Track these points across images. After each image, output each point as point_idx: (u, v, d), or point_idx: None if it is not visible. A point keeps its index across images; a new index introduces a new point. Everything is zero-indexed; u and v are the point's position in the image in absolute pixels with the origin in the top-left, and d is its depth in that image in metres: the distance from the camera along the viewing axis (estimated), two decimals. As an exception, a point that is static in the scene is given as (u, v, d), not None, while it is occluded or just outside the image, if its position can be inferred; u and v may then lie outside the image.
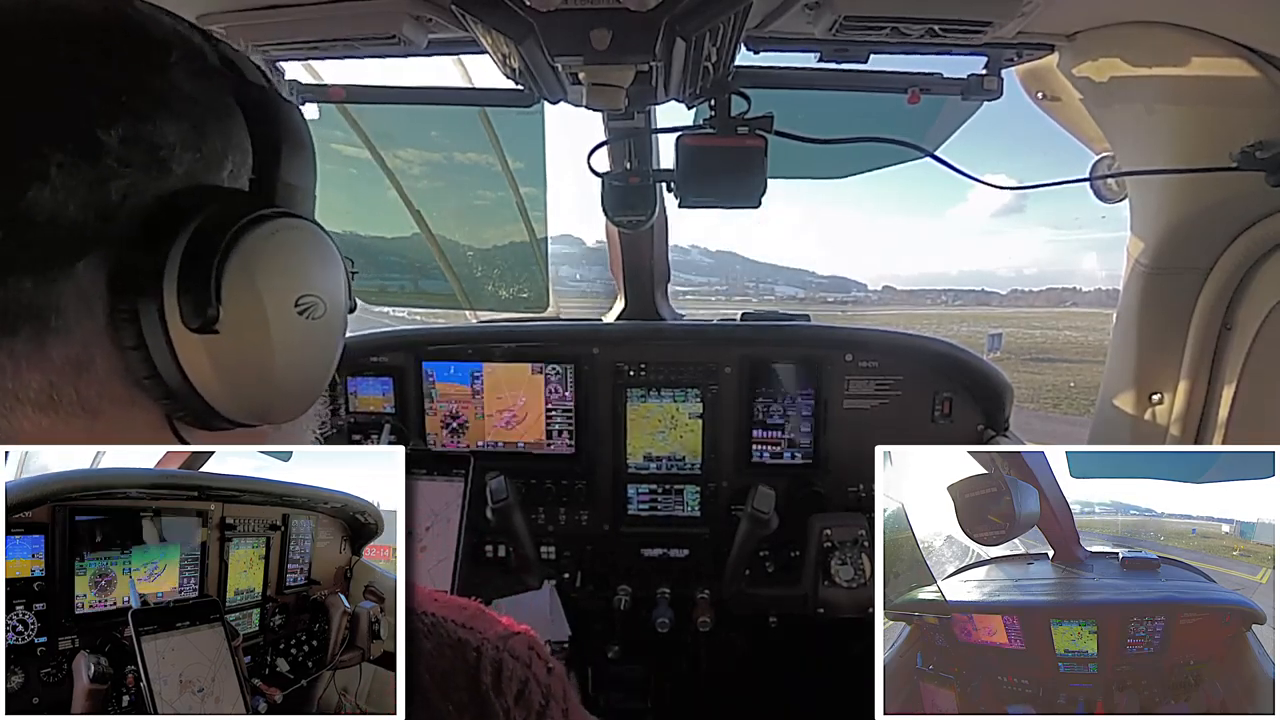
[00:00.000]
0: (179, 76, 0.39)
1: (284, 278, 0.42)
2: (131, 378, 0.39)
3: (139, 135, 0.37)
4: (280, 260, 0.42)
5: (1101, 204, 1.33)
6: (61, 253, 0.36)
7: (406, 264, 2.47)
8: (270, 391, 0.44)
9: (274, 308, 0.41)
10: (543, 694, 0.51)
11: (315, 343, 0.46)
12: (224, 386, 0.41)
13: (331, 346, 0.48)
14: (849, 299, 59.40)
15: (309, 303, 0.44)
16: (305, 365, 0.46)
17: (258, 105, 0.43)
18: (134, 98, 0.37)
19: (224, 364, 0.40)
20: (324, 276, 0.45)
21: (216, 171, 0.41)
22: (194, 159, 0.39)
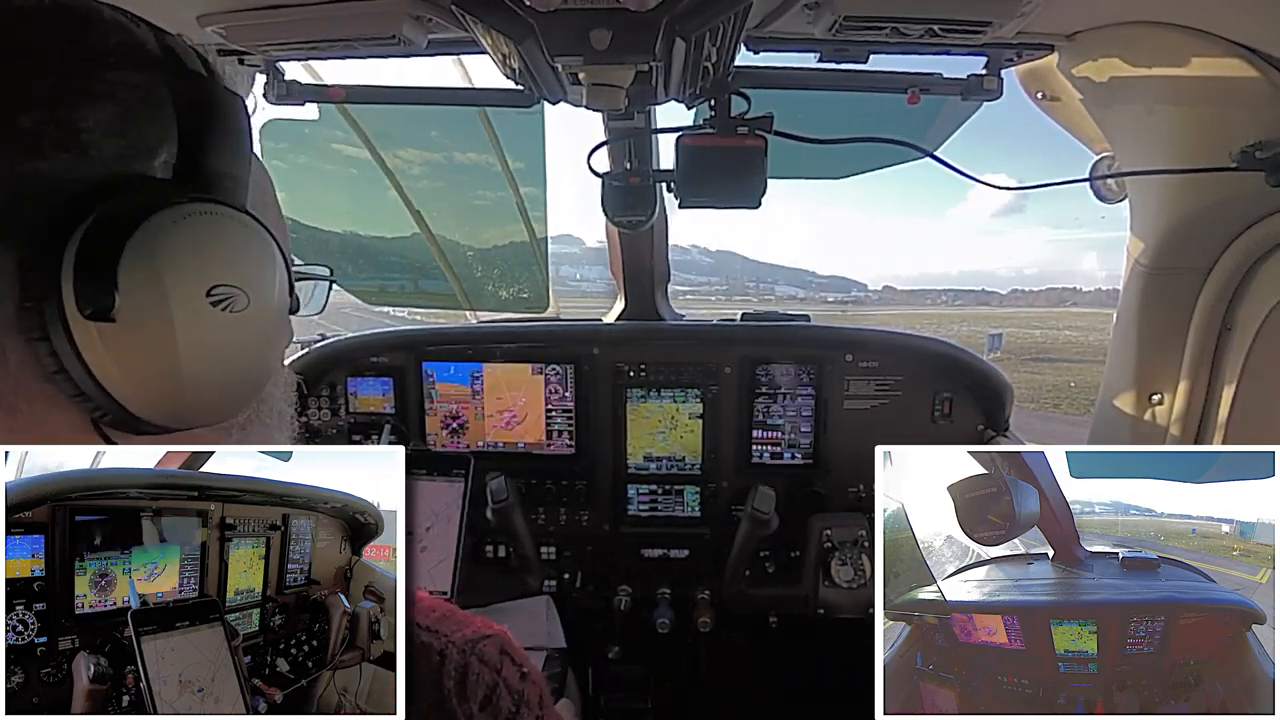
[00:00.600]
0: (110, 64, 0.39)
1: (194, 265, 0.40)
2: (43, 372, 0.38)
3: (58, 119, 0.36)
4: (189, 247, 0.39)
5: (1101, 204, 1.33)
6: None
7: (406, 264, 2.47)
8: (183, 388, 0.41)
9: (179, 297, 0.39)
10: (513, 700, 0.49)
11: (235, 339, 0.42)
12: (130, 381, 0.39)
13: (260, 344, 0.45)
14: (849, 299, 59.42)
15: (225, 294, 0.41)
16: (224, 362, 0.43)
17: (191, 94, 0.42)
18: (59, 82, 0.37)
19: (127, 356, 0.38)
20: (246, 267, 0.43)
21: (147, 160, 0.40)
22: (120, 146, 0.38)
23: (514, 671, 0.51)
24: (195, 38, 1.08)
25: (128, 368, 0.38)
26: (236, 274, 0.42)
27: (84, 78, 0.37)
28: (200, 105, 0.42)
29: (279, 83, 1.22)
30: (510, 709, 0.49)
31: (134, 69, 0.39)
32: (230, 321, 0.42)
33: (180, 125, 0.41)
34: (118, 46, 0.39)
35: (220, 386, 0.44)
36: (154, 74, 0.40)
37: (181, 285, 0.39)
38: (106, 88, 0.38)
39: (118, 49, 0.39)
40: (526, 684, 0.51)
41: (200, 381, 0.42)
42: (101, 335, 0.37)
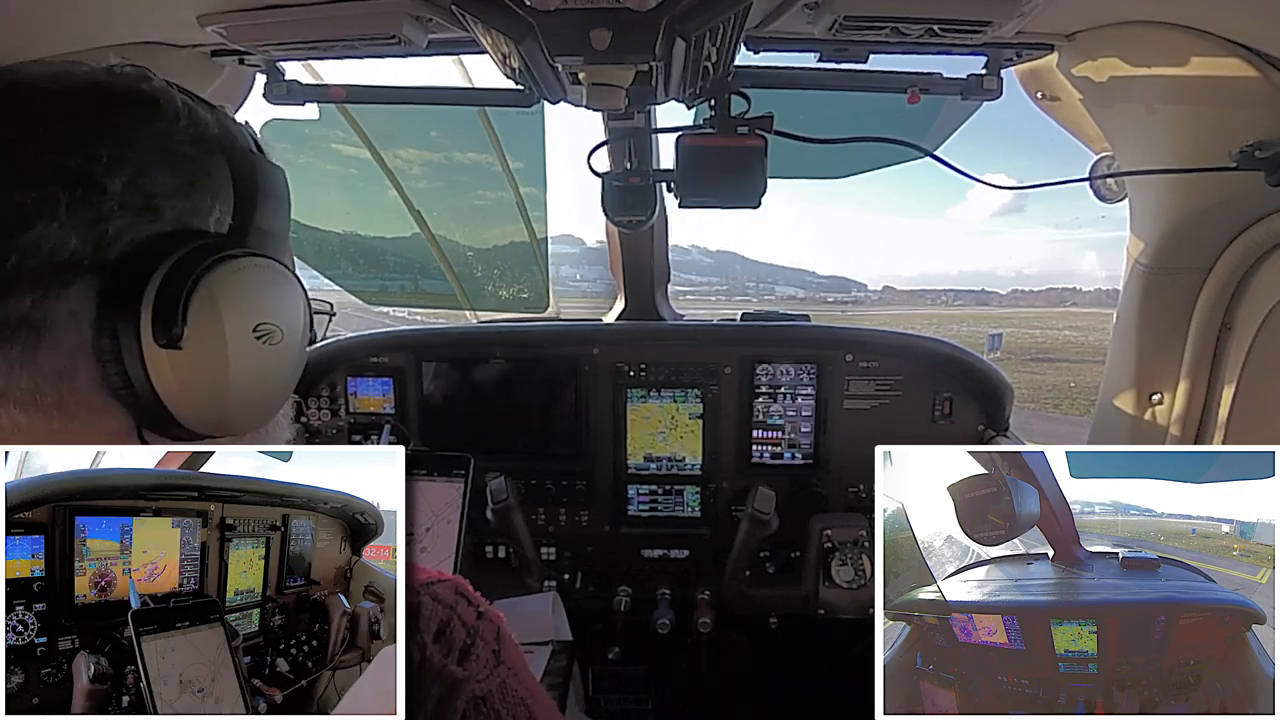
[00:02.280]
0: (178, 140, 0.48)
1: (244, 307, 0.49)
2: (108, 387, 0.45)
3: (137, 185, 0.45)
4: (242, 292, 0.49)
5: (1101, 204, 1.33)
6: (59, 276, 0.43)
7: (406, 264, 2.47)
8: (226, 405, 0.50)
9: (233, 332, 0.48)
10: (468, 634, 0.52)
11: (271, 366, 0.52)
12: (185, 398, 0.47)
13: (287, 370, 0.54)
14: (849, 299, 59.37)
15: (266, 330, 0.50)
16: (260, 385, 0.52)
17: (244, 166, 0.51)
18: (137, 154, 0.46)
19: (186, 378, 0.46)
20: (283, 309, 0.52)
21: (204, 217, 0.49)
22: (184, 207, 0.47)
23: (470, 610, 0.54)
24: (195, 38, 1.09)
25: (186, 387, 0.46)
26: (275, 314, 0.51)
27: (155, 151, 0.47)
28: (252, 176, 0.52)
29: (279, 83, 1.22)
30: (465, 641, 0.52)
31: (196, 144, 0.49)
32: (268, 352, 0.51)
33: (235, 192, 0.51)
34: (185, 127, 0.48)
35: (254, 404, 0.53)
36: (212, 149, 0.50)
37: (235, 323, 0.48)
38: (175, 160, 0.47)
39: (185, 129, 0.48)
40: (483, 622, 0.54)
41: (240, 399, 0.50)
42: (170, 360, 0.45)
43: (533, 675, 0.58)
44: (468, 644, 0.52)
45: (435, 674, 0.49)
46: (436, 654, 0.50)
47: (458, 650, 0.51)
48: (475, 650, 0.52)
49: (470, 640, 0.52)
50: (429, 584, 0.53)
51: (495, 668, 0.52)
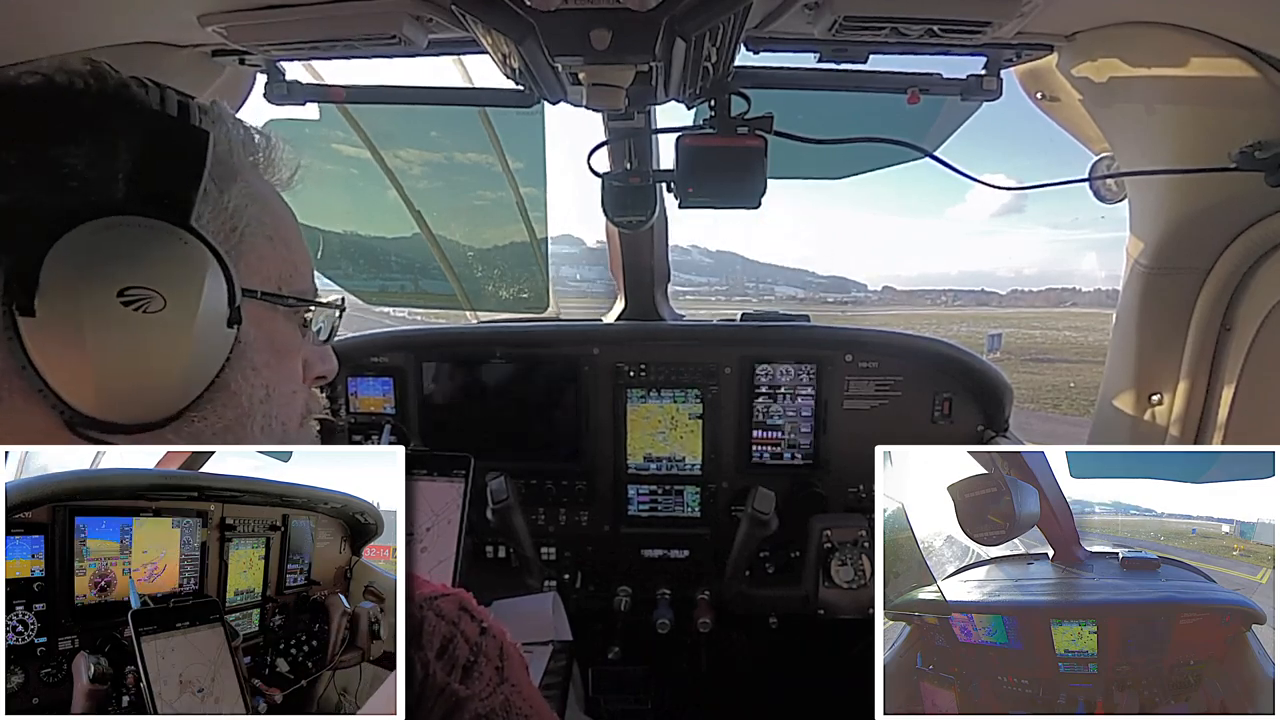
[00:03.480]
0: (84, 109, 0.46)
1: (107, 268, 0.44)
2: (16, 366, 0.44)
3: (40, 157, 0.44)
4: (106, 252, 0.44)
5: (1101, 204, 1.33)
6: None
7: (406, 264, 2.47)
8: (105, 380, 0.45)
9: (90, 294, 0.44)
10: (471, 650, 0.51)
11: (151, 337, 0.46)
12: (59, 371, 0.44)
13: (181, 344, 0.47)
14: (849, 299, 59.33)
15: (137, 295, 0.45)
16: (140, 358, 0.46)
17: (151, 129, 0.48)
18: (40, 125, 0.45)
19: (49, 347, 0.43)
20: (168, 274, 0.46)
21: (116, 189, 0.46)
22: (94, 176, 0.45)
23: (473, 626, 0.53)
24: (196, 38, 1.08)
25: (52, 359, 0.44)
26: (154, 279, 0.46)
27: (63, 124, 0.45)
28: (153, 138, 0.48)
29: (280, 83, 1.22)
30: (468, 658, 0.51)
31: (100, 111, 0.47)
32: (144, 321, 0.45)
33: (141, 157, 0.47)
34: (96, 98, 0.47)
35: (142, 380, 0.47)
36: (117, 112, 0.47)
37: (93, 284, 0.44)
38: (78, 130, 0.46)
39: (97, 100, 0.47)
40: (486, 638, 0.53)
41: (121, 374, 0.45)
42: (29, 329, 0.43)
43: (536, 691, 0.57)
44: (470, 661, 0.51)
45: (438, 692, 0.49)
46: (439, 672, 0.49)
47: (460, 668, 0.50)
48: (478, 667, 0.51)
49: (473, 657, 0.51)
50: (432, 599, 0.53)
51: (498, 685, 0.52)
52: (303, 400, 0.59)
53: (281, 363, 0.56)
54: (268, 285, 0.54)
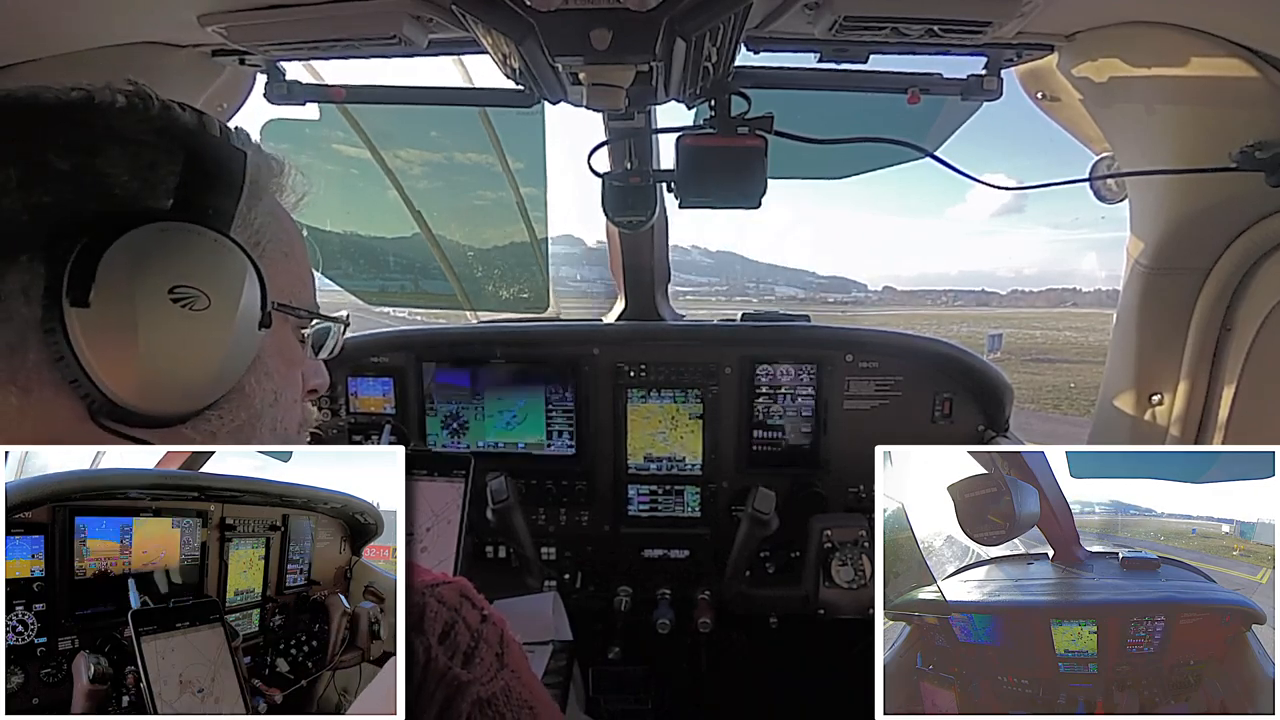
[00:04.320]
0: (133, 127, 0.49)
1: (160, 267, 0.47)
2: (51, 359, 0.45)
3: (88, 167, 0.47)
4: (158, 253, 0.47)
5: (1101, 204, 1.33)
6: (7, 252, 0.44)
7: (406, 264, 2.47)
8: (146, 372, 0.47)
9: (143, 291, 0.47)
10: (472, 636, 0.53)
11: (195, 333, 0.49)
12: (103, 362, 0.46)
13: (222, 342, 0.51)
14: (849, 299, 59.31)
15: (187, 294, 0.48)
16: (184, 353, 0.49)
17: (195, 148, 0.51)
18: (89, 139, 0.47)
19: (98, 338, 0.45)
20: (213, 276, 0.50)
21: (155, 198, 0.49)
22: (134, 186, 0.48)
23: (474, 613, 0.54)
24: (196, 38, 1.08)
25: (99, 350, 0.46)
26: (199, 279, 0.49)
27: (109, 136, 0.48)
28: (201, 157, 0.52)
29: (280, 83, 1.22)
30: (469, 644, 0.52)
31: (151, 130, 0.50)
32: (189, 317, 0.49)
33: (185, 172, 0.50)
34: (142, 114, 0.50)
35: (183, 375, 0.50)
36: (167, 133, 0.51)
37: (147, 282, 0.47)
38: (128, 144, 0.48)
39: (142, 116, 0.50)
40: (486, 625, 0.54)
41: (162, 367, 0.48)
42: (83, 322, 0.45)
43: (535, 677, 0.58)
44: (471, 647, 0.52)
45: (440, 677, 0.49)
46: (441, 656, 0.50)
47: (462, 653, 0.51)
48: (479, 653, 0.52)
49: (474, 643, 0.52)
50: (433, 586, 0.54)
51: (499, 671, 0.53)
52: (301, 410, 0.63)
53: (289, 371, 0.60)
54: (281, 298, 0.57)
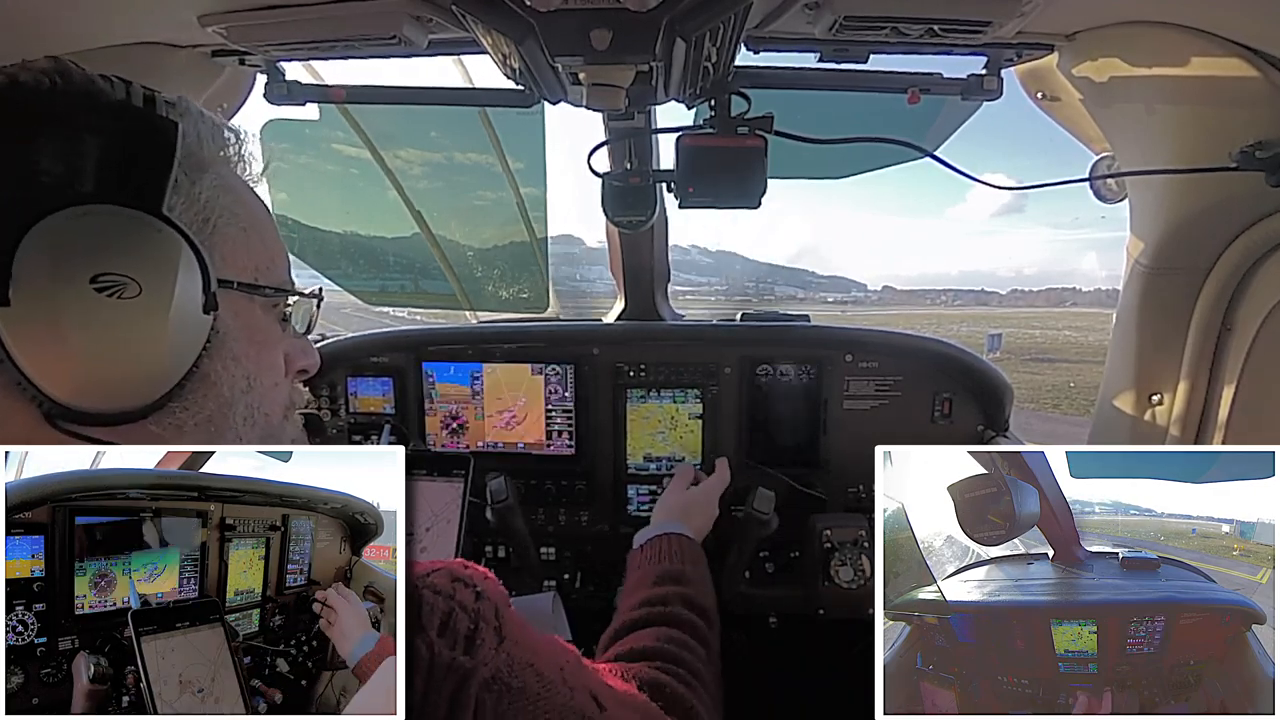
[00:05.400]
0: (53, 107, 0.46)
1: (80, 256, 0.44)
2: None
3: (7, 153, 0.44)
4: (78, 240, 0.45)
5: (1101, 204, 1.33)
6: None
7: (406, 264, 2.47)
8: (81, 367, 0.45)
9: (62, 281, 0.44)
10: (470, 620, 0.52)
11: (128, 324, 0.46)
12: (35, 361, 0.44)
13: (158, 331, 0.47)
14: (849, 299, 59.32)
15: (111, 282, 0.45)
16: (119, 345, 0.46)
17: (119, 122, 0.48)
18: (8, 123, 0.45)
19: (25, 336, 0.44)
20: (141, 261, 0.46)
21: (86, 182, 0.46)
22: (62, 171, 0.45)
23: (468, 593, 0.54)
24: (196, 38, 1.08)
25: (27, 347, 0.44)
26: (128, 265, 0.46)
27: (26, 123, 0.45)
28: (123, 130, 0.48)
29: (280, 83, 1.22)
30: (469, 627, 0.52)
31: (75, 110, 0.47)
32: (119, 307, 0.46)
33: (108, 149, 0.47)
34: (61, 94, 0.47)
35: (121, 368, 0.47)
36: (85, 114, 0.47)
37: (66, 271, 0.44)
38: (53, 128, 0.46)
39: (60, 97, 0.47)
40: (482, 602, 0.54)
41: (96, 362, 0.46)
42: (5, 320, 0.43)
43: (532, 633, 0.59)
44: (471, 630, 0.52)
45: (445, 668, 0.49)
46: (444, 649, 0.50)
47: (463, 639, 0.51)
48: (480, 634, 0.52)
49: (473, 625, 0.52)
50: (425, 576, 0.53)
51: (499, 645, 0.53)
52: (285, 393, 0.60)
53: (262, 354, 0.57)
54: (244, 276, 0.55)
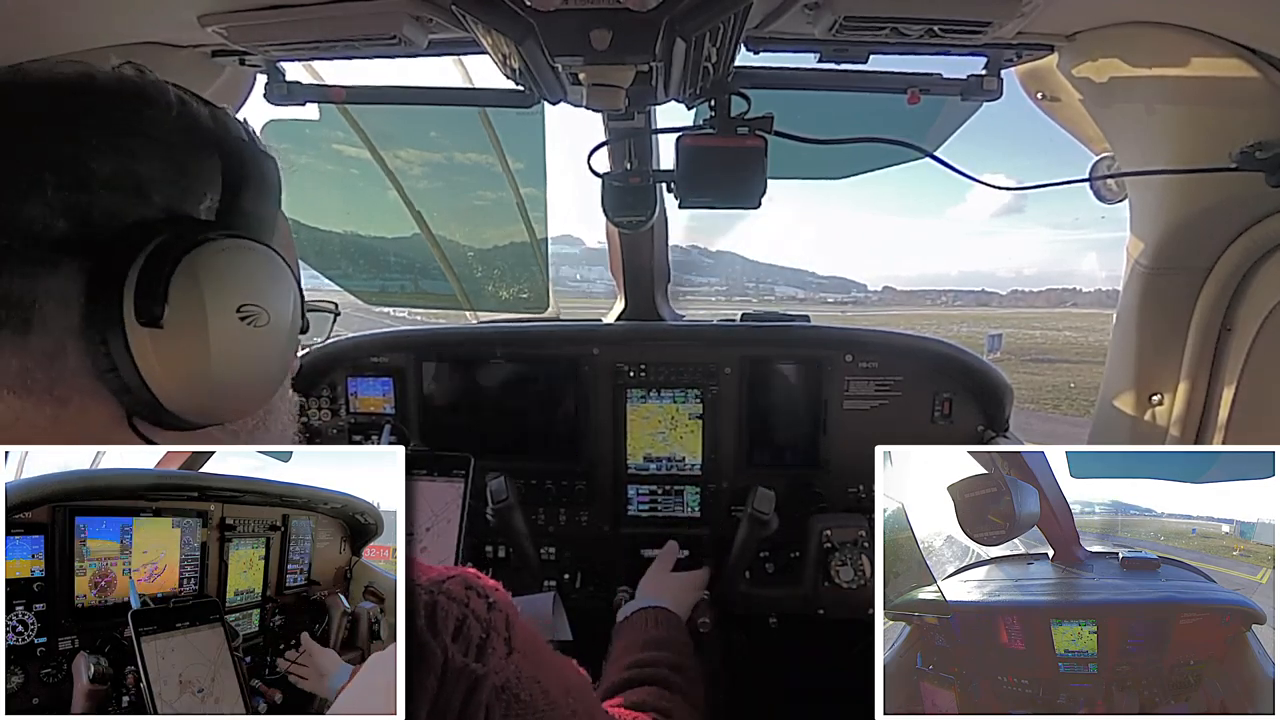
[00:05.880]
0: (169, 130, 0.49)
1: (227, 287, 0.49)
2: (96, 370, 0.46)
3: (127, 171, 0.46)
4: (224, 272, 0.49)
5: (1101, 204, 1.33)
6: (47, 257, 0.44)
7: (406, 264, 2.47)
8: (211, 388, 0.49)
9: (215, 311, 0.48)
10: (482, 628, 0.54)
11: (258, 349, 0.51)
12: (169, 380, 0.47)
13: (276, 356, 0.53)
14: (849, 299, 59.34)
15: (251, 312, 0.50)
16: (247, 368, 0.51)
17: (234, 154, 0.52)
18: (127, 141, 0.47)
19: (169, 358, 0.46)
20: (269, 291, 0.52)
21: (194, 203, 0.50)
22: (173, 192, 0.48)
23: (481, 603, 0.56)
24: (196, 38, 1.09)
25: (169, 367, 0.46)
26: (260, 296, 0.51)
27: (145, 140, 0.48)
28: (239, 163, 0.52)
29: (280, 83, 1.22)
30: (480, 636, 0.54)
31: (187, 134, 0.50)
32: (253, 334, 0.50)
33: (224, 179, 0.51)
34: (177, 117, 0.50)
35: (241, 388, 0.52)
36: (204, 138, 0.51)
37: (217, 302, 0.48)
38: (166, 148, 0.48)
39: (176, 119, 0.50)
40: (493, 612, 0.56)
41: (225, 382, 0.50)
42: (152, 340, 0.45)
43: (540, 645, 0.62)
44: (483, 638, 0.54)
45: (458, 673, 0.51)
46: (457, 655, 0.51)
47: (475, 646, 0.53)
48: (491, 643, 0.54)
49: (485, 634, 0.54)
50: (440, 582, 0.55)
51: (509, 654, 0.55)
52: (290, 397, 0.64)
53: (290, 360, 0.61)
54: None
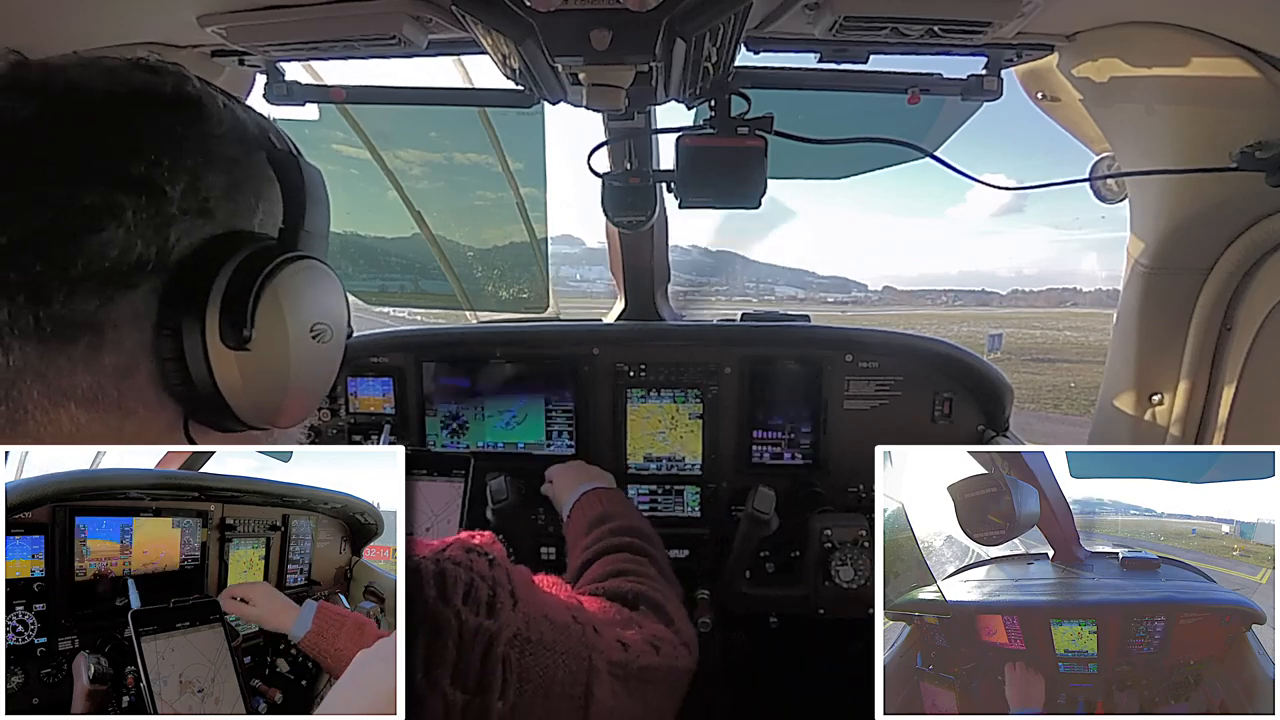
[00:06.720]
0: (223, 142, 0.49)
1: (303, 308, 0.51)
2: (164, 384, 0.46)
3: (194, 189, 0.46)
4: (301, 294, 0.51)
5: (1101, 204, 1.33)
6: (125, 279, 0.44)
7: (406, 264, 2.47)
8: (281, 399, 0.51)
9: (294, 331, 0.50)
10: (489, 586, 0.56)
11: (321, 362, 0.54)
12: (247, 394, 0.48)
13: (333, 366, 0.56)
14: (849, 299, 59.31)
15: (320, 329, 0.53)
16: (311, 379, 0.53)
17: (286, 167, 0.53)
18: (191, 158, 0.46)
19: (249, 375, 0.48)
20: (331, 307, 0.54)
21: (248, 219, 0.50)
22: (231, 208, 0.49)
23: (483, 562, 0.58)
24: (195, 38, 1.09)
25: (249, 384, 0.48)
26: (326, 313, 0.53)
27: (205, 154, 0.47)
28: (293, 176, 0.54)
29: (279, 83, 1.22)
30: (488, 594, 0.56)
31: (238, 146, 0.50)
32: (319, 349, 0.53)
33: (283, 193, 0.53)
34: (228, 129, 0.50)
35: (306, 398, 0.54)
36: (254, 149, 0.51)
37: (296, 323, 0.50)
38: (222, 162, 0.48)
39: (228, 131, 0.50)
40: (495, 569, 0.58)
41: (293, 395, 0.52)
42: (237, 360, 0.47)
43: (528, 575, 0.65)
44: (491, 596, 0.56)
45: (474, 634, 0.53)
46: (470, 616, 0.54)
47: (485, 605, 0.55)
48: (498, 599, 0.56)
49: (492, 591, 0.56)
50: (441, 552, 0.57)
51: (515, 605, 0.58)
52: None
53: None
54: None
